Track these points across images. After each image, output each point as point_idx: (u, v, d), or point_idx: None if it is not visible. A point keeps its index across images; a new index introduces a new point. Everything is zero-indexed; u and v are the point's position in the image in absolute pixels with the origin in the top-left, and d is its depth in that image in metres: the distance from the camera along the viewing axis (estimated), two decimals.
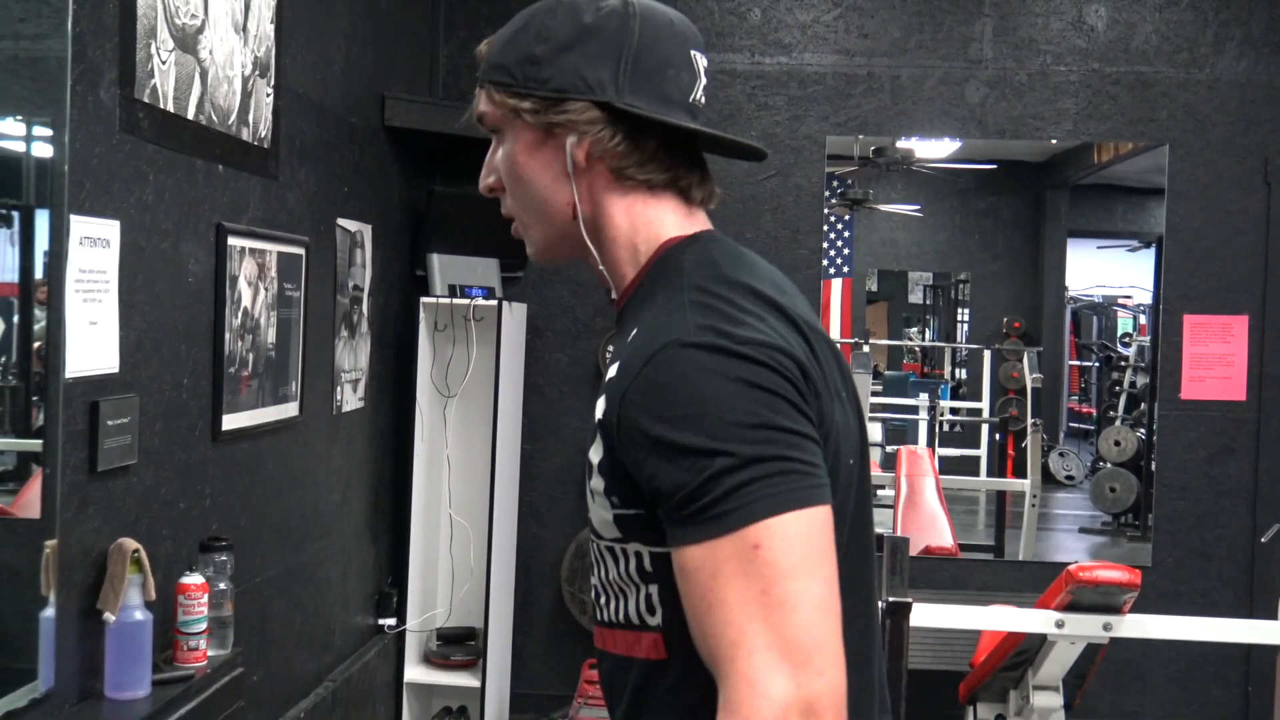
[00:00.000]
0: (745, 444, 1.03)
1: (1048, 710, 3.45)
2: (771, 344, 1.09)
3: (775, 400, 1.06)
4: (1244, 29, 4.40)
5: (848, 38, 4.50)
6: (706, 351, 1.07)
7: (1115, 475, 5.25)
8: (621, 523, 1.14)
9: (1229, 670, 4.47)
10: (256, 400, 2.89)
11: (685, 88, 1.22)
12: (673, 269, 1.19)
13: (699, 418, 1.04)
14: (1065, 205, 5.40)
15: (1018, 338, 5.44)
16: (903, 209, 5.34)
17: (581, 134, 1.19)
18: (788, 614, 1.01)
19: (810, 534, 1.04)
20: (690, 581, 1.05)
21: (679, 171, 1.23)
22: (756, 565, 1.02)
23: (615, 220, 1.23)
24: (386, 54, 3.92)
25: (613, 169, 1.21)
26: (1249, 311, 4.42)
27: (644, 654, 1.16)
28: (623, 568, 1.17)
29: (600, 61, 1.18)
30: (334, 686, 3.49)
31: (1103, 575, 3.10)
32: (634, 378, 1.09)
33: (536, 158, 1.22)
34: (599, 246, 1.25)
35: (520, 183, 1.24)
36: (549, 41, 1.19)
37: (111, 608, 2.17)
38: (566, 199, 1.22)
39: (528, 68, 1.19)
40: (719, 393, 1.05)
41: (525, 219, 1.27)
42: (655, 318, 1.13)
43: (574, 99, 1.18)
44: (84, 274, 2.13)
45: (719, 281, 1.15)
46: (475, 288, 4.22)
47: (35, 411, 2.21)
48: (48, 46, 2.08)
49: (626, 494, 1.12)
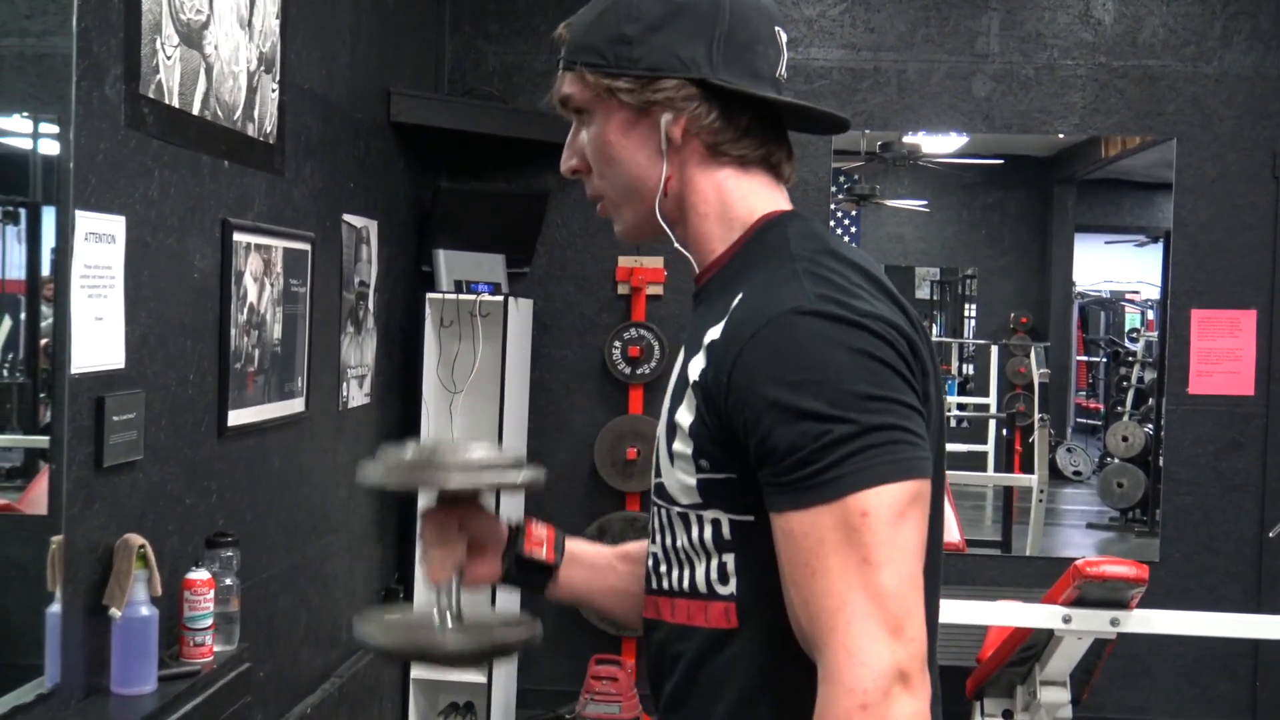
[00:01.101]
0: (863, 413, 1.06)
1: (1055, 705, 3.44)
2: (886, 318, 1.11)
3: (890, 373, 1.08)
4: (1252, 22, 4.38)
5: (854, 32, 4.49)
6: (827, 320, 1.08)
7: (1123, 470, 5.24)
8: (705, 488, 1.16)
9: (1236, 665, 4.46)
10: (262, 396, 2.89)
11: (773, 63, 1.23)
12: (776, 240, 1.20)
13: (819, 384, 1.06)
14: (1072, 200, 5.38)
15: (1025, 333, 5.43)
16: (909, 204, 5.32)
17: (678, 111, 1.20)
18: (885, 583, 1.04)
19: (913, 504, 1.07)
20: (793, 547, 1.07)
21: (771, 147, 1.24)
22: (862, 533, 1.04)
23: (707, 195, 1.23)
24: (392, 49, 3.92)
25: (707, 145, 1.22)
26: (1257, 306, 4.41)
27: (710, 623, 1.17)
28: (695, 534, 1.18)
29: (694, 39, 1.19)
30: (340, 682, 3.49)
31: (1110, 570, 3.09)
32: (750, 338, 1.10)
33: (630, 137, 1.22)
34: (684, 222, 1.25)
35: (612, 162, 1.24)
36: (640, 21, 1.19)
37: (117, 603, 2.17)
38: (659, 176, 1.23)
39: (619, 47, 1.20)
40: (839, 361, 1.07)
41: (616, 198, 1.27)
42: (767, 284, 1.14)
43: (669, 76, 1.19)
44: (89, 270, 2.13)
45: (829, 255, 1.17)
46: (481, 283, 4.22)
47: (42, 408, 2.21)
48: (53, 43, 2.08)
49: (718, 458, 1.13)
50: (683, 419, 1.16)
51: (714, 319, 1.16)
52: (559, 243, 4.54)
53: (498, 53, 4.54)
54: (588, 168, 1.27)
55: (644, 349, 4.50)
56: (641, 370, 4.51)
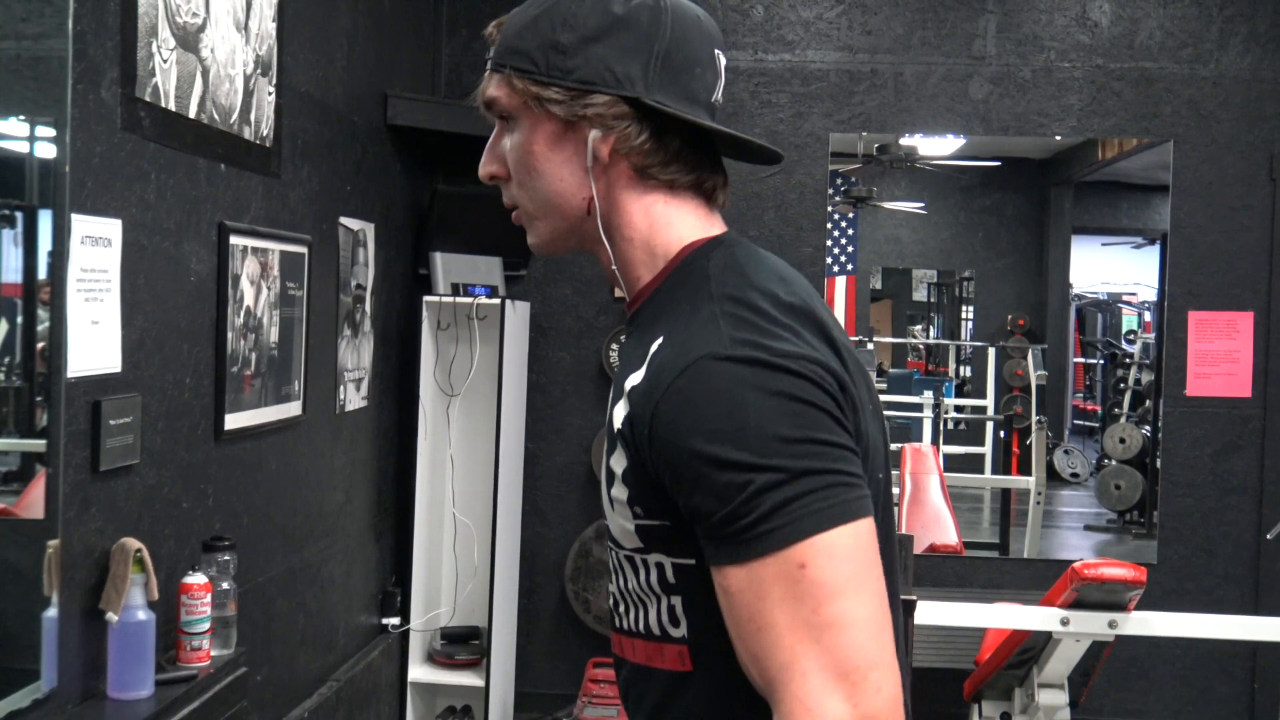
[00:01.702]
0: (789, 458, 1.00)
1: (1053, 708, 3.44)
2: (809, 357, 1.06)
3: (816, 413, 1.03)
4: (1249, 24, 4.38)
5: (851, 34, 4.49)
6: (744, 365, 1.03)
7: (1120, 472, 5.24)
8: (644, 533, 1.11)
9: (1234, 667, 4.46)
10: (259, 399, 2.89)
11: (709, 87, 1.19)
12: (697, 274, 1.15)
13: (739, 432, 1.01)
14: (1069, 202, 5.38)
15: (1022, 335, 5.43)
16: (906, 206, 5.32)
17: (607, 129, 1.15)
18: (839, 634, 0.99)
19: (857, 548, 1.01)
20: (735, 603, 1.02)
21: (702, 173, 1.20)
22: (804, 585, 0.99)
23: (633, 220, 1.19)
24: (389, 52, 3.92)
25: (636, 167, 1.17)
26: (1254, 308, 4.41)
27: (667, 665, 1.13)
28: (643, 578, 1.14)
29: (631, 55, 1.14)
30: (338, 686, 3.49)
31: (1108, 572, 3.09)
32: (665, 390, 1.05)
33: (556, 150, 1.17)
34: (613, 246, 1.20)
35: (533, 174, 1.19)
36: (576, 30, 1.14)
37: (114, 608, 2.17)
38: (583, 194, 1.18)
39: (552, 55, 1.14)
40: (759, 407, 1.02)
41: (533, 210, 1.22)
42: (686, 328, 1.09)
43: (602, 92, 1.14)
44: (86, 273, 2.12)
45: (749, 290, 1.11)
46: (478, 286, 4.21)
47: (39, 412, 2.20)
48: (50, 46, 2.08)
49: (651, 504, 1.09)
50: (616, 465, 1.11)
51: (636, 363, 1.11)
52: None
53: None
54: (507, 174, 1.22)
55: None
56: None
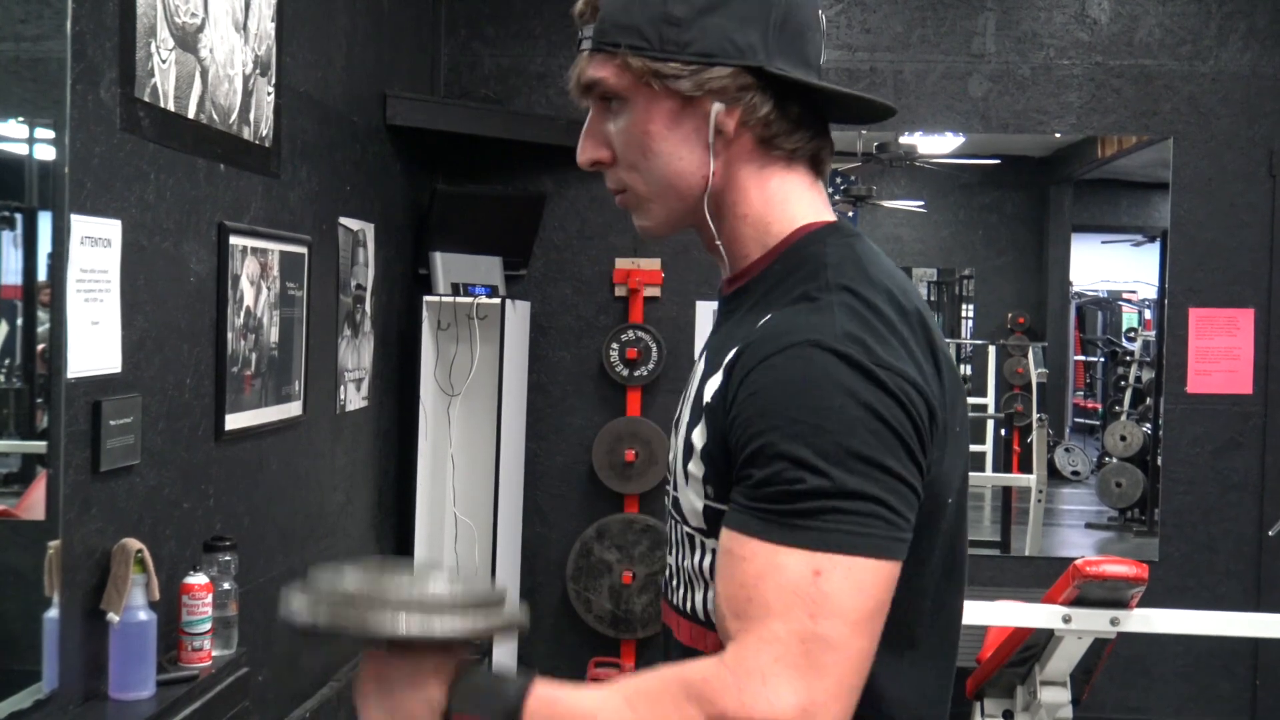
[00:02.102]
0: (848, 474, 0.98)
1: (1055, 705, 3.44)
2: (909, 378, 1.03)
3: (892, 437, 1.01)
4: (1248, 21, 4.38)
5: (850, 33, 4.49)
6: (845, 364, 1.01)
7: (1121, 470, 5.24)
8: (709, 515, 1.09)
9: (1236, 664, 4.46)
10: (259, 400, 2.88)
11: (819, 49, 1.16)
12: (813, 260, 1.11)
13: (814, 430, 0.99)
14: (1069, 200, 5.38)
15: (1022, 333, 5.42)
16: (906, 205, 5.32)
17: (731, 101, 1.10)
18: (824, 652, 0.97)
19: (874, 584, 1.00)
20: (735, 568, 1.01)
21: (820, 140, 1.16)
22: (809, 590, 0.98)
23: (749, 195, 1.15)
24: (388, 52, 3.91)
25: (760, 138, 1.13)
26: (1254, 305, 4.41)
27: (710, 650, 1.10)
28: (697, 559, 1.13)
29: (749, 23, 1.09)
30: (339, 686, 3.48)
31: (1110, 570, 3.09)
32: (762, 360, 1.03)
33: (675, 128, 1.12)
34: (722, 222, 1.16)
35: (649, 154, 1.13)
36: (689, 1, 1.09)
37: (115, 608, 2.17)
38: (703, 171, 1.13)
39: (666, 29, 1.09)
40: (843, 412, 0.99)
41: (646, 192, 1.16)
42: (797, 309, 1.06)
43: (723, 63, 1.09)
44: (85, 274, 2.12)
45: (868, 286, 1.08)
46: (478, 286, 4.21)
47: (39, 413, 2.20)
48: (48, 48, 2.07)
49: (722, 486, 1.06)
50: (698, 440, 1.09)
51: (738, 339, 1.08)
52: (556, 245, 4.54)
53: (494, 55, 4.54)
54: (612, 158, 1.16)
55: (642, 351, 4.50)
56: (639, 372, 4.51)
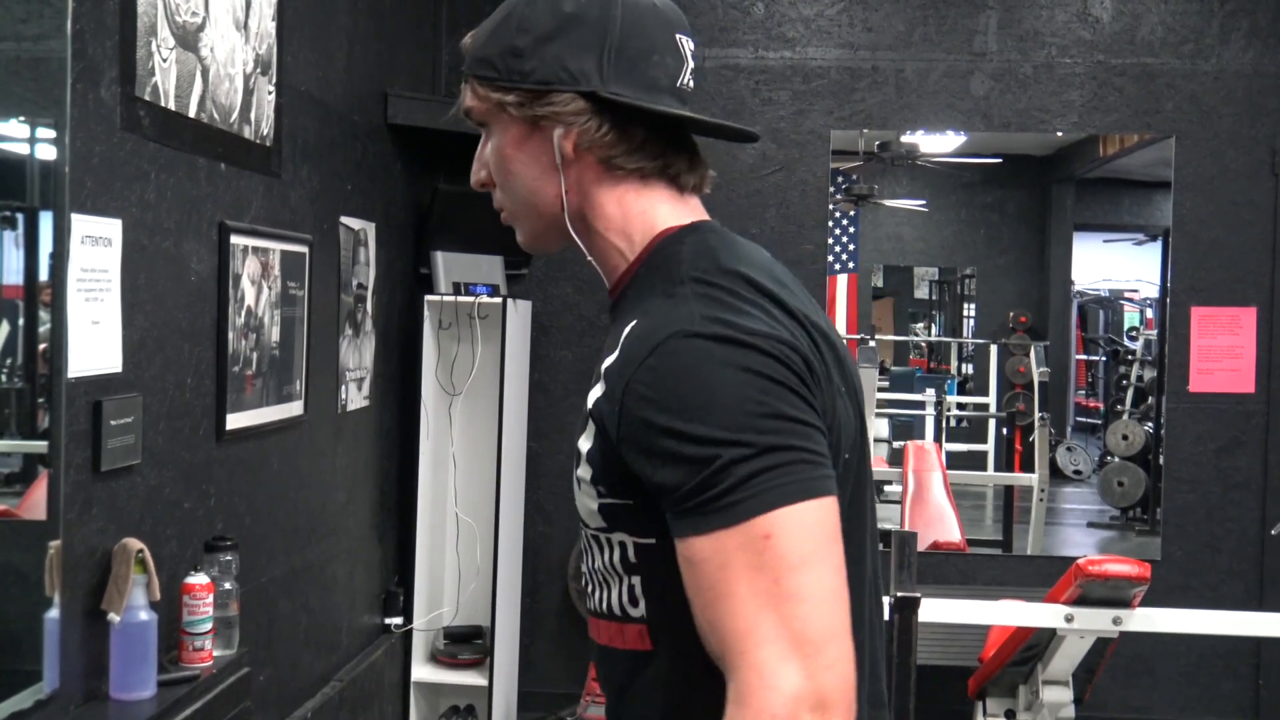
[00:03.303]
0: (757, 433, 1.03)
1: (1057, 705, 3.43)
2: (776, 335, 1.08)
3: (783, 390, 1.05)
4: (1250, 19, 4.37)
5: (851, 31, 4.48)
6: (713, 341, 1.06)
7: (1123, 469, 5.23)
8: (606, 512, 1.14)
9: (1239, 663, 4.45)
10: (261, 399, 2.88)
11: (672, 73, 1.20)
12: (670, 259, 1.17)
13: (707, 407, 1.03)
14: (1071, 199, 5.38)
15: (1024, 332, 5.42)
16: (908, 204, 5.32)
17: (568, 125, 1.17)
18: (798, 605, 1.01)
19: (820, 523, 1.04)
20: (697, 573, 1.04)
21: (669, 158, 1.22)
22: (767, 556, 1.01)
23: (606, 210, 1.21)
24: (389, 51, 3.91)
25: (601, 159, 1.19)
26: (1257, 303, 4.40)
27: (628, 645, 1.16)
28: (607, 557, 1.17)
29: (584, 51, 1.16)
30: (341, 686, 3.48)
31: (1112, 569, 3.09)
32: (638, 367, 1.07)
33: (524, 151, 1.20)
34: (588, 237, 1.23)
35: (510, 176, 1.23)
36: (530, 32, 1.17)
37: (116, 608, 2.16)
38: (555, 191, 1.21)
39: (510, 60, 1.17)
40: (728, 382, 1.04)
41: (515, 210, 1.25)
42: (657, 307, 1.12)
43: (559, 90, 1.16)
44: (86, 273, 2.12)
45: (719, 272, 1.14)
46: (480, 285, 4.21)
47: (40, 413, 2.20)
48: (49, 47, 2.07)
49: (614, 484, 1.11)
50: (583, 445, 1.14)
51: (610, 347, 1.14)
52: None
53: None
54: (493, 180, 1.25)
55: None
56: None
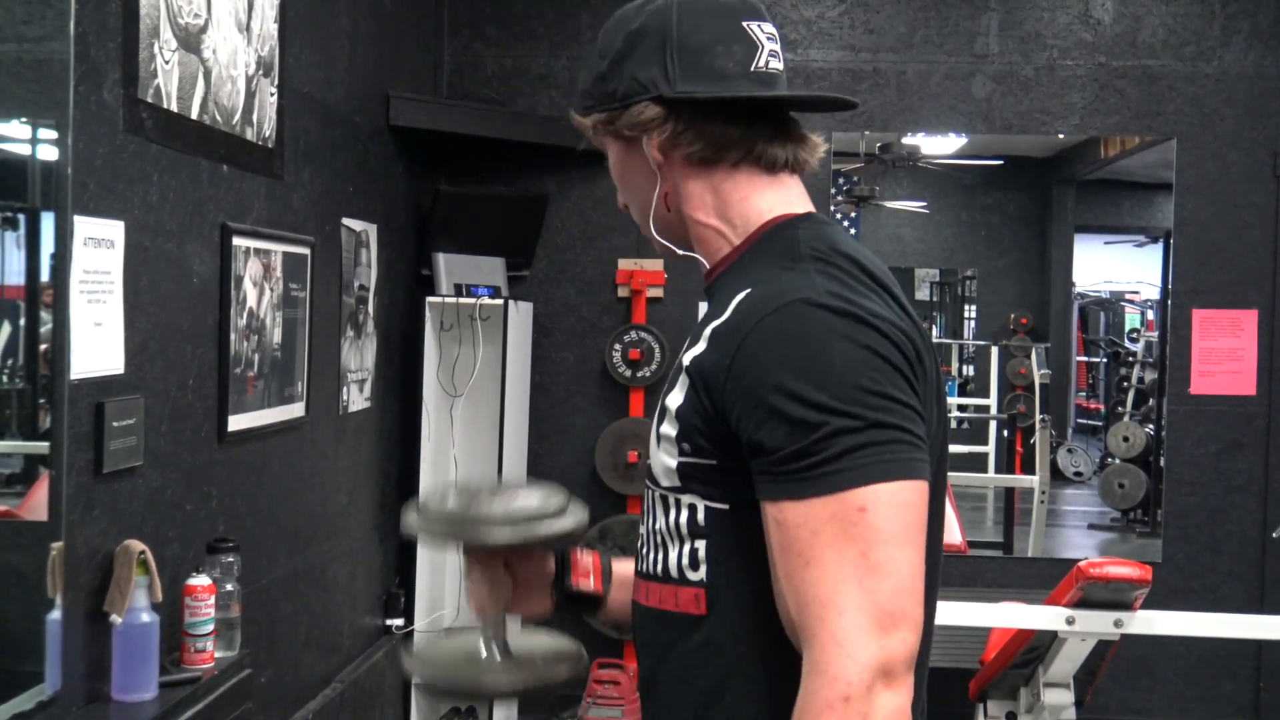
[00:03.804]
0: (866, 409, 1.06)
1: (1059, 707, 3.43)
2: (894, 321, 1.12)
3: (894, 373, 1.09)
4: (1252, 21, 4.37)
5: (853, 33, 4.48)
6: (835, 315, 1.10)
7: (1124, 471, 5.23)
8: (684, 471, 1.17)
9: (1240, 666, 4.45)
10: (262, 401, 2.88)
11: (743, 59, 1.25)
12: (786, 241, 1.22)
13: (824, 374, 1.07)
14: (1072, 201, 5.38)
15: (1025, 334, 5.42)
16: (909, 206, 5.32)
17: (655, 131, 1.24)
18: (882, 579, 1.04)
19: (913, 504, 1.07)
20: (787, 536, 1.07)
21: (752, 142, 1.26)
22: (860, 528, 1.04)
23: (703, 200, 1.26)
24: (390, 53, 3.91)
25: (686, 157, 1.25)
26: (1258, 305, 4.40)
27: (681, 608, 1.19)
28: (672, 518, 1.20)
29: (650, 60, 1.23)
30: (342, 687, 3.48)
31: (1114, 572, 3.08)
32: (756, 324, 1.11)
33: (629, 164, 1.29)
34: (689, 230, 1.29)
35: (625, 187, 1.33)
36: (608, 57, 1.26)
37: (118, 610, 2.16)
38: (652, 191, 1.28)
39: (598, 85, 1.27)
40: (846, 355, 1.08)
41: (637, 218, 1.34)
42: (777, 277, 1.16)
43: (635, 102, 1.24)
44: (88, 275, 2.12)
45: (837, 255, 1.18)
46: (481, 287, 4.21)
47: (42, 414, 2.20)
48: (51, 48, 2.07)
49: (700, 443, 1.14)
50: (672, 402, 1.17)
51: (719, 311, 1.17)
52: (559, 246, 4.53)
53: (496, 56, 4.54)
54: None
55: (644, 352, 4.50)
56: (642, 373, 4.51)
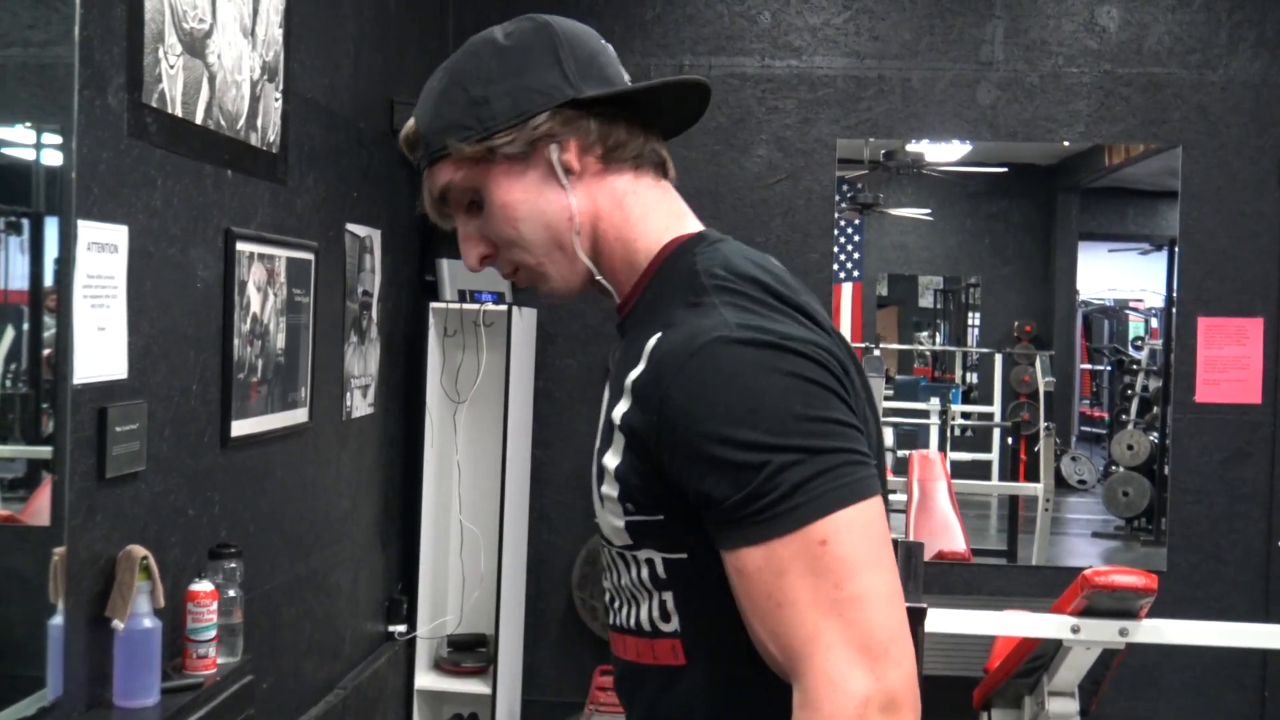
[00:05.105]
0: (805, 437, 1.02)
1: (1063, 716, 3.42)
2: (813, 341, 1.08)
3: (824, 393, 1.05)
4: (1258, 30, 4.37)
5: (858, 40, 4.48)
6: (753, 347, 1.05)
7: (1128, 479, 5.22)
8: (633, 530, 1.13)
9: (1245, 675, 4.43)
10: (266, 406, 2.88)
11: (617, 69, 1.24)
12: (684, 270, 1.17)
13: (755, 413, 1.02)
14: (1076, 208, 5.38)
15: (1029, 342, 5.41)
16: (913, 213, 5.31)
17: (563, 139, 1.18)
18: (862, 609, 1.01)
19: (873, 524, 1.04)
20: (752, 582, 1.03)
21: (650, 144, 1.23)
22: (825, 561, 1.01)
23: (612, 217, 1.21)
24: (395, 58, 3.91)
25: (602, 158, 1.20)
26: (1264, 314, 4.39)
27: (660, 660, 1.15)
28: (634, 574, 1.16)
29: (544, 70, 1.18)
30: (344, 694, 3.48)
31: (1119, 580, 3.07)
32: (675, 373, 1.06)
33: (524, 188, 1.19)
34: (599, 254, 1.23)
35: (519, 222, 1.21)
36: (485, 80, 1.18)
37: (120, 615, 2.16)
38: (568, 212, 1.20)
39: (479, 110, 1.18)
40: (770, 387, 1.03)
41: (535, 259, 1.23)
42: (683, 318, 1.11)
43: (539, 111, 1.17)
44: (92, 280, 2.12)
45: (740, 280, 1.13)
46: (485, 293, 4.21)
47: (45, 419, 2.20)
48: (56, 53, 2.07)
49: (643, 500, 1.10)
50: (609, 462, 1.12)
51: (634, 360, 1.12)
52: None
53: None
54: (494, 248, 1.24)
55: None
56: None
